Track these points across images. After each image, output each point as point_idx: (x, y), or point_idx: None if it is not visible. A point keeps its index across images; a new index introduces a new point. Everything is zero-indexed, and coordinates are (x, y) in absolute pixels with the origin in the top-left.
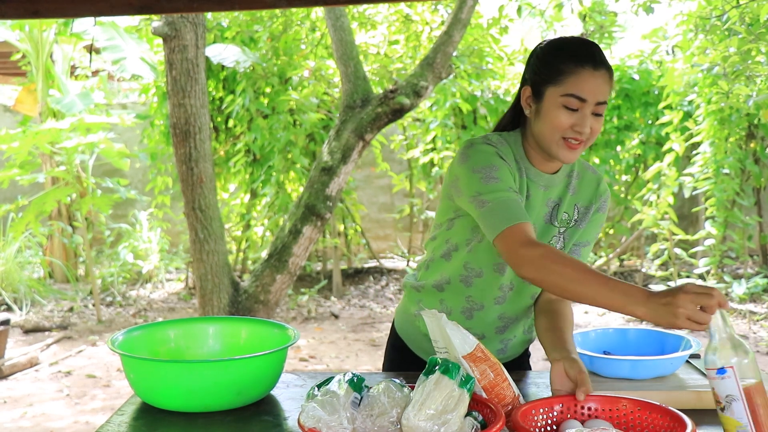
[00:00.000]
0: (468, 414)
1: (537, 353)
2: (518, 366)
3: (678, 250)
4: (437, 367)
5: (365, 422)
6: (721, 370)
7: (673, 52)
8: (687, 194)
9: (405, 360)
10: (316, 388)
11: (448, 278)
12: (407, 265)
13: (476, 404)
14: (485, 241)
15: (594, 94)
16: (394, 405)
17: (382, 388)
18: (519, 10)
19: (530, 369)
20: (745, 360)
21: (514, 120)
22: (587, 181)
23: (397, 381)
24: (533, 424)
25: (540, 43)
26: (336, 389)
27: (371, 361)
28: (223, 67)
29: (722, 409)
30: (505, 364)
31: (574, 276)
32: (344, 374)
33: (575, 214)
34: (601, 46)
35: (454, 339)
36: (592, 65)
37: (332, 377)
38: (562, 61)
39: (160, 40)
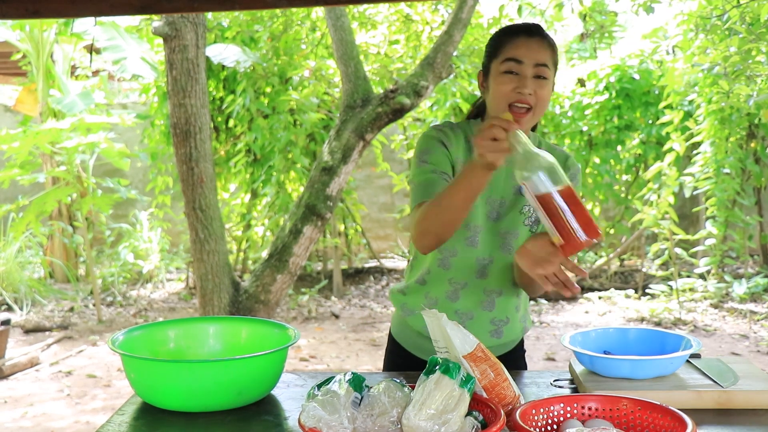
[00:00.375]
0: (468, 414)
1: (537, 353)
2: (514, 363)
3: (678, 250)
4: (438, 367)
5: (366, 422)
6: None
7: (673, 51)
8: (687, 194)
9: (404, 365)
10: (317, 388)
11: (428, 268)
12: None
13: (477, 404)
14: None
15: (530, 56)
16: (394, 405)
17: (382, 388)
18: (519, 9)
19: (526, 368)
20: (539, 173)
21: (480, 110)
22: (558, 156)
23: (398, 381)
24: (533, 423)
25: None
26: (336, 389)
27: (372, 361)
28: (223, 67)
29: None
30: (501, 357)
31: (434, 202)
32: (345, 374)
33: None
34: (602, 45)
35: (454, 339)
36: (526, 33)
37: (332, 377)
38: (501, 37)
39: (160, 40)
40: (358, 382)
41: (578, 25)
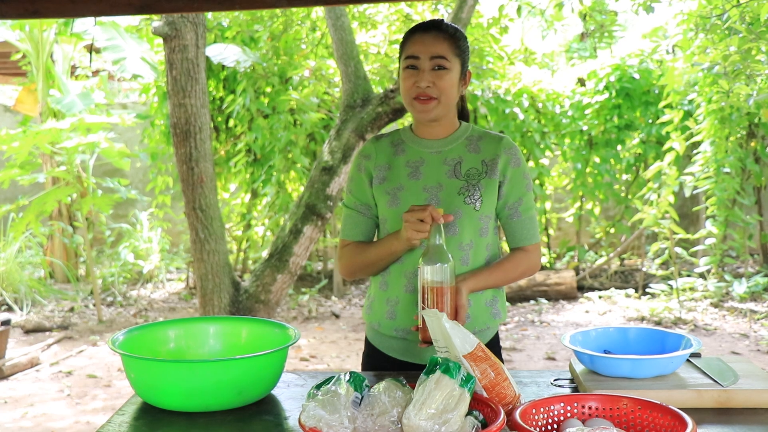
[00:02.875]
0: (468, 413)
1: (537, 352)
2: None
3: (678, 249)
4: (438, 367)
5: (366, 421)
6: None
7: (673, 51)
8: (687, 193)
9: (383, 367)
10: (317, 388)
11: (387, 270)
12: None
13: (477, 403)
14: (387, 222)
15: (425, 50)
16: (394, 404)
17: (382, 388)
18: (519, 10)
19: (503, 361)
20: (436, 265)
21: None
22: (490, 139)
23: (398, 380)
24: (534, 423)
25: None
26: (337, 389)
27: None
28: (223, 66)
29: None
30: None
31: (357, 252)
32: (345, 374)
33: (483, 167)
34: (602, 45)
35: (454, 338)
36: (422, 29)
37: (333, 377)
38: (404, 37)
39: (160, 40)
40: (358, 382)
41: (578, 24)
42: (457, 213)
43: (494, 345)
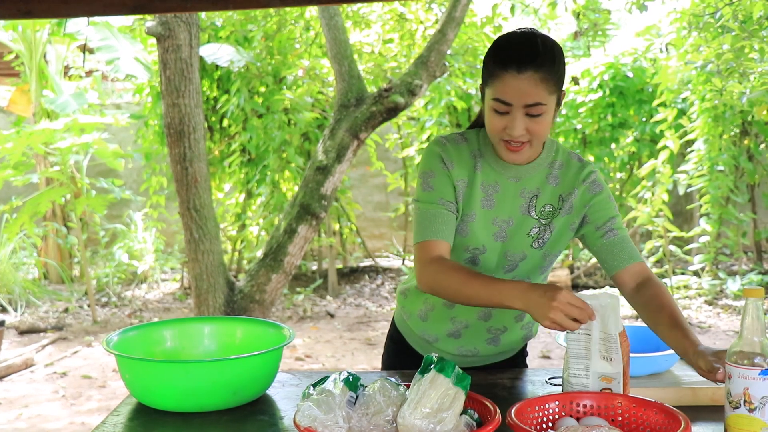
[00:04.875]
0: (464, 412)
1: (533, 351)
2: (514, 364)
3: (673, 247)
4: (432, 366)
5: (361, 421)
6: (765, 372)
7: (666, 49)
8: (681, 191)
9: (402, 354)
10: (312, 387)
11: None
12: (402, 263)
13: (472, 402)
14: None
15: (518, 98)
16: (389, 404)
17: (377, 387)
18: (512, 9)
19: (527, 367)
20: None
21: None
22: (571, 169)
23: (393, 380)
24: (529, 421)
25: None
26: (332, 388)
27: (367, 360)
28: (217, 66)
29: (751, 410)
30: (501, 362)
31: (460, 282)
32: (340, 373)
33: (559, 204)
34: (595, 43)
35: (609, 316)
36: (516, 68)
37: (328, 376)
38: (493, 63)
39: (153, 40)
40: (353, 382)
41: (572, 23)
42: (522, 255)
43: (518, 356)
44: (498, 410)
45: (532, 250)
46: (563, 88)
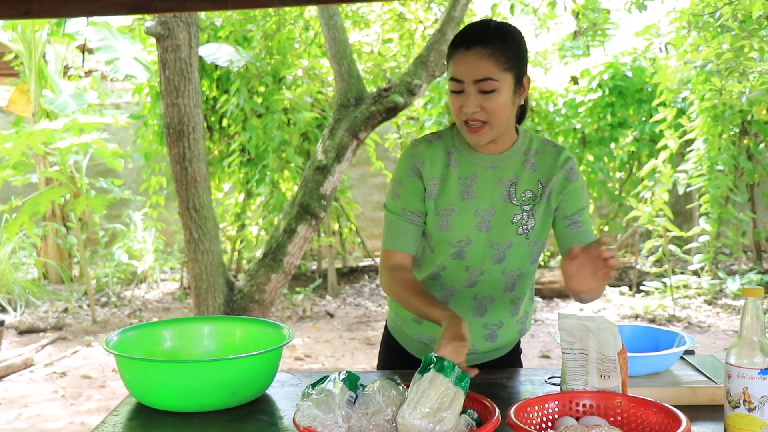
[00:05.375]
0: (463, 412)
1: (533, 350)
2: (509, 363)
3: (672, 247)
4: (432, 366)
5: (360, 421)
6: (765, 371)
7: (666, 49)
8: (681, 191)
9: (399, 359)
10: (311, 387)
11: (420, 279)
12: None
13: (472, 402)
14: (433, 241)
15: (468, 73)
16: (389, 403)
17: (377, 387)
18: (512, 8)
19: (521, 366)
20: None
21: None
22: (547, 155)
23: (392, 379)
24: (528, 421)
25: None
26: (331, 388)
27: (367, 360)
28: (216, 66)
29: (751, 409)
30: (497, 360)
31: (401, 299)
32: (339, 373)
33: (539, 190)
34: (595, 43)
35: (607, 339)
36: (465, 46)
37: (327, 376)
38: (449, 50)
39: (153, 40)
40: (352, 381)
41: (571, 22)
42: (509, 244)
43: (513, 352)
44: (497, 410)
45: (517, 237)
46: (525, 73)
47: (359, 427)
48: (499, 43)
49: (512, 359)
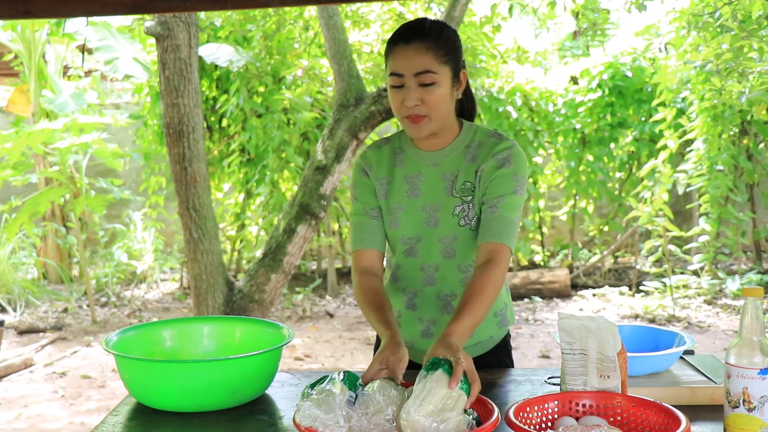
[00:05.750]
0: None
1: (532, 350)
2: (497, 363)
3: (672, 247)
4: (441, 366)
5: (361, 420)
6: (765, 371)
7: (666, 49)
8: (681, 191)
9: None
10: (311, 387)
11: (388, 282)
12: None
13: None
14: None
15: (408, 67)
16: (389, 403)
17: (376, 386)
18: (511, 9)
19: (512, 366)
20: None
21: None
22: (488, 145)
23: (391, 379)
24: (528, 421)
25: None
26: (331, 388)
27: (366, 360)
28: (216, 66)
29: (751, 409)
30: (484, 355)
31: (362, 308)
32: (339, 373)
33: (476, 179)
34: (594, 43)
35: (607, 339)
36: (404, 41)
37: (326, 376)
38: (387, 47)
39: (152, 40)
40: (352, 381)
41: (571, 22)
42: (454, 237)
43: (500, 350)
44: (497, 410)
45: (460, 228)
46: (462, 68)
47: (360, 426)
48: (436, 37)
49: (500, 357)
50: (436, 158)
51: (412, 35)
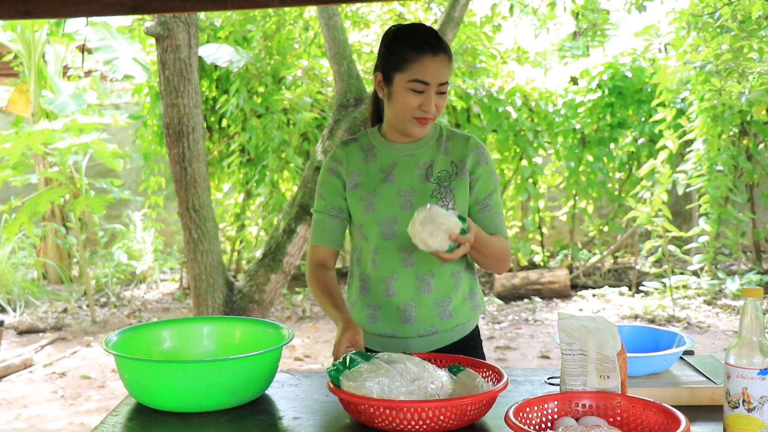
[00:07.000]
0: (450, 368)
1: (531, 351)
2: (470, 353)
3: (672, 247)
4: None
5: (410, 386)
6: (764, 371)
7: (665, 49)
8: (680, 191)
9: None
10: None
11: (367, 274)
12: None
13: (481, 368)
14: (363, 228)
15: (435, 77)
16: (421, 369)
17: (395, 357)
18: (511, 8)
19: (484, 358)
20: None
21: (377, 106)
22: (458, 140)
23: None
24: (528, 421)
25: (386, 32)
26: (369, 365)
27: None
28: (216, 66)
29: (750, 410)
30: (457, 342)
31: (315, 295)
32: (347, 356)
33: (453, 169)
34: (594, 43)
35: (607, 339)
36: (432, 52)
37: (345, 359)
38: (406, 50)
39: (152, 40)
40: (366, 357)
41: (571, 23)
42: None
43: (476, 338)
44: (506, 375)
45: None
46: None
47: (408, 390)
48: (449, 51)
49: (473, 345)
50: (410, 150)
51: (437, 47)
